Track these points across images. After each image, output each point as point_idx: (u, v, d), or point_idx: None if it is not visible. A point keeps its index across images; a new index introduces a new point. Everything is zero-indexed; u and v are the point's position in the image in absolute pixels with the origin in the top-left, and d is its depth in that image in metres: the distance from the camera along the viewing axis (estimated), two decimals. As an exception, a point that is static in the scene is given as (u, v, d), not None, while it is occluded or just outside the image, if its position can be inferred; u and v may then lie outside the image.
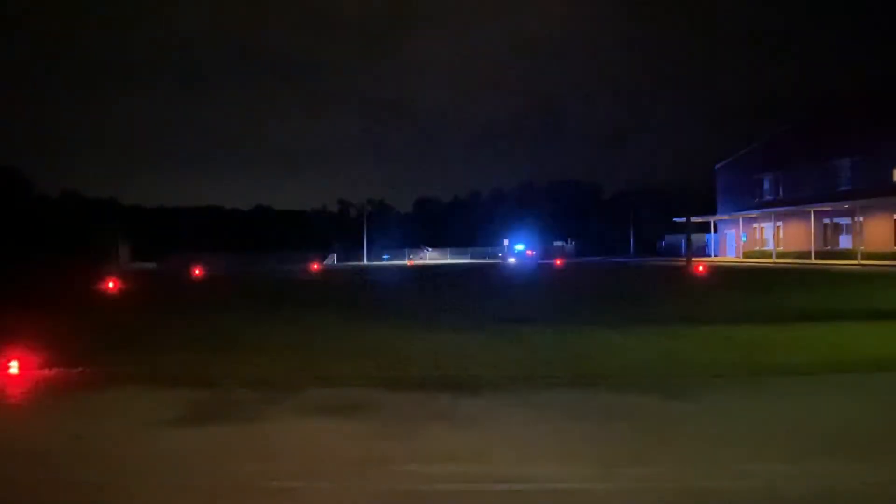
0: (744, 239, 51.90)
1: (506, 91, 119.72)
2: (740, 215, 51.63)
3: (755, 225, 51.10)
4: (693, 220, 55.14)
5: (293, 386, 6.88)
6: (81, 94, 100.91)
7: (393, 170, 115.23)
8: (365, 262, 60.92)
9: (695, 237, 57.61)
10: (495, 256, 63.07)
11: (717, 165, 56.75)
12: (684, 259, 45.29)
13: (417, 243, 67.00)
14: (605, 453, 4.62)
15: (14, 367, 7.63)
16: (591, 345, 9.54)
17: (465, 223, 67.91)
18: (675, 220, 57.02)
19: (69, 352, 8.81)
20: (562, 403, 6.09)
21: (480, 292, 22.43)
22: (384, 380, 7.10)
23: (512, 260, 55.91)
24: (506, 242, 66.91)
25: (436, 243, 67.07)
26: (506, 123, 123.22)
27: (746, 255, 50.00)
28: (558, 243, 70.45)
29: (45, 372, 7.76)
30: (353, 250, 63.60)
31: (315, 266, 45.25)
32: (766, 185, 50.40)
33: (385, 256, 62.85)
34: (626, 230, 67.50)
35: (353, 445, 4.91)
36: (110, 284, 23.56)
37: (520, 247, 64.73)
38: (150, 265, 46.64)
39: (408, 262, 55.19)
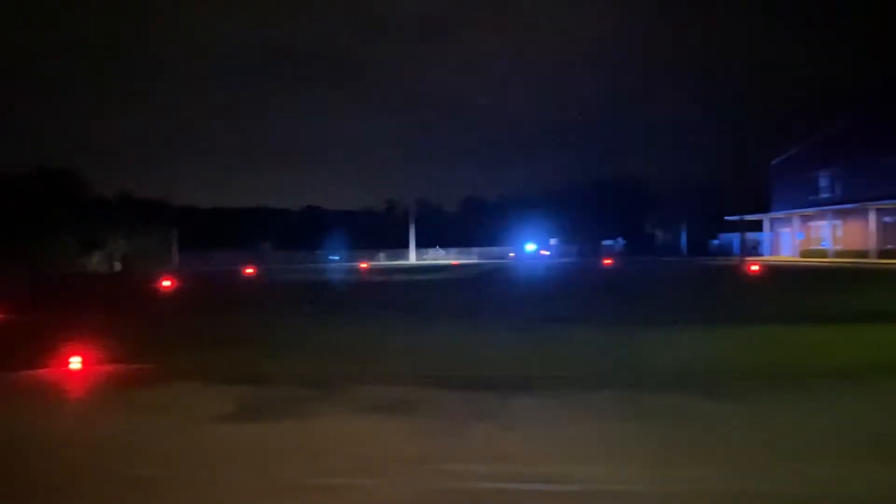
0: (800, 238, 50.49)
1: (554, 90, 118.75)
2: (796, 213, 50.25)
3: (811, 223, 49.67)
4: (746, 218, 53.89)
5: (342, 384, 6.99)
6: (138, 97, 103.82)
7: (441, 169, 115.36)
8: (413, 261, 61.24)
9: (748, 236, 56.27)
10: (505, 256, 61.88)
11: (772, 162, 55.30)
12: (737, 258, 44.33)
13: (464, 242, 66.96)
14: (651, 454, 4.59)
15: (76, 362, 7.95)
16: (638, 345, 9.44)
17: (510, 222, 67.52)
18: (727, 218, 55.80)
19: (127, 349, 9.13)
20: (608, 404, 6.06)
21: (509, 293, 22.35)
22: (429, 379, 7.16)
23: (526, 259, 54.95)
24: (552, 241, 66.36)
25: (482, 243, 66.97)
26: (555, 122, 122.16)
27: (803, 255, 48.63)
28: (607, 242, 69.60)
29: (105, 368, 8.07)
30: (400, 249, 63.99)
31: (363, 265, 45.70)
32: (824, 182, 48.91)
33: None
34: (676, 229, 66.33)
35: (399, 443, 4.98)
36: (165, 283, 24.24)
37: (531, 246, 63.50)
38: (202, 265, 47.72)
39: (452, 262, 55.13)
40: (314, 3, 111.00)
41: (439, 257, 63.73)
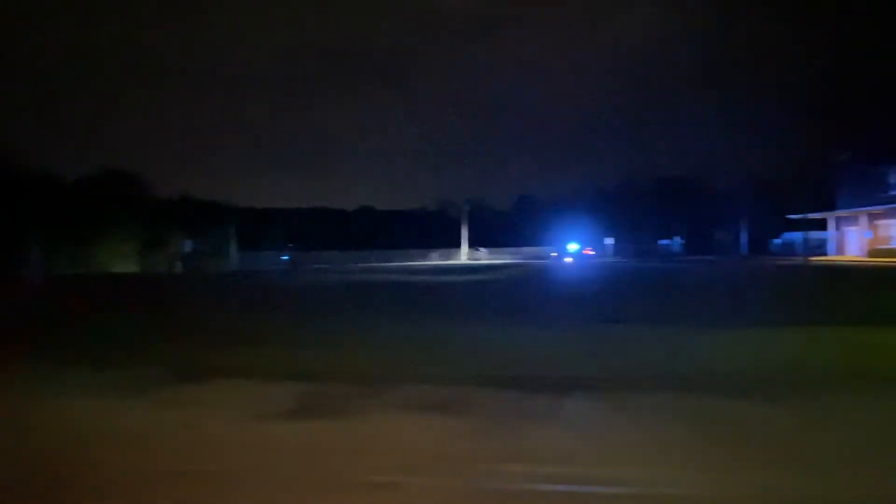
0: (868, 237, 48.55)
1: (609, 87, 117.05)
2: (863, 211, 48.33)
3: (880, 222, 47.67)
4: (809, 216, 52.13)
5: (391, 382, 7.01)
6: (196, 102, 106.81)
7: (493, 168, 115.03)
8: (465, 260, 61.30)
9: (812, 235, 54.41)
10: (546, 256, 60.66)
11: (838, 158, 53.31)
12: (801, 258, 42.99)
13: (516, 242, 66.66)
14: (706, 459, 4.45)
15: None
16: (692, 346, 9.20)
17: (563, 221, 66.87)
18: (789, 216, 54.06)
19: (184, 345, 9.36)
20: (662, 406, 5.91)
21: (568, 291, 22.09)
22: (481, 378, 7.11)
23: (569, 259, 53.91)
24: (607, 240, 65.41)
25: (534, 242, 66.62)
26: (610, 120, 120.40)
27: (871, 255, 46.73)
28: (664, 242, 68.30)
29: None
30: (452, 249, 64.15)
31: (418, 264, 45.98)
32: (893, 179, 46.89)
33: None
34: (736, 228, 64.64)
35: (450, 443, 4.96)
36: (225, 281, 24.83)
37: (574, 245, 62.53)
38: (258, 264, 48.74)
39: (507, 261, 54.83)
40: (367, 5, 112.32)
41: (481, 257, 63.45)
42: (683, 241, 68.42)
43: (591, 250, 61.07)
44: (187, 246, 49.41)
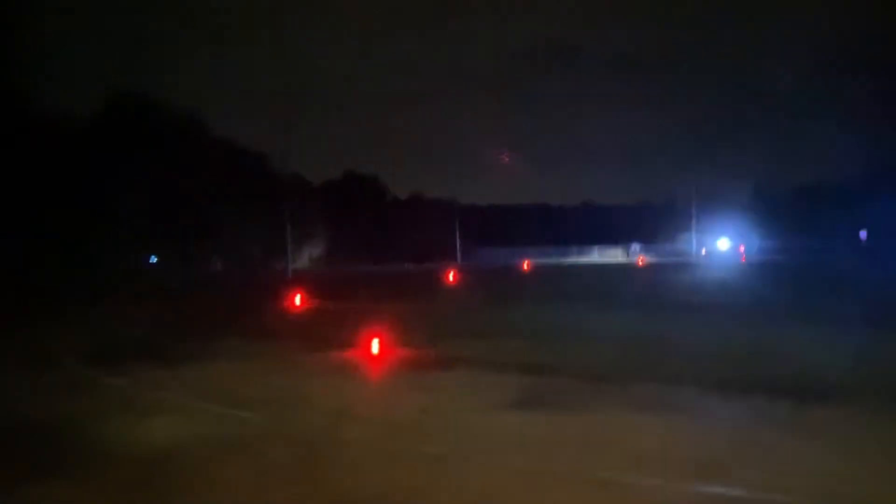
0: None
1: (870, 66, 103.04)
2: None
3: None
4: None
5: (619, 379, 6.89)
6: (423, 106, 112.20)
7: (726, 158, 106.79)
8: (694, 255, 58.04)
9: None
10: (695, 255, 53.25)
11: None
12: None
13: (754, 234, 61.47)
14: None
15: (375, 345, 8.87)
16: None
17: (807, 211, 60.23)
18: None
19: (418, 334, 9.97)
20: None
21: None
22: (711, 379, 6.72)
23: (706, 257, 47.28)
24: (861, 233, 57.83)
25: (773, 234, 61.02)
26: (869, 101, 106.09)
27: None
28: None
29: (399, 352, 8.90)
30: (679, 243, 60.96)
31: (640, 261, 44.57)
32: None
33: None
34: None
35: (682, 446, 4.75)
36: (450, 276, 25.93)
37: (723, 242, 54.36)
38: (482, 259, 50.25)
39: (743, 257, 50.72)
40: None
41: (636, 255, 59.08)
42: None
43: (743, 247, 53.84)
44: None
